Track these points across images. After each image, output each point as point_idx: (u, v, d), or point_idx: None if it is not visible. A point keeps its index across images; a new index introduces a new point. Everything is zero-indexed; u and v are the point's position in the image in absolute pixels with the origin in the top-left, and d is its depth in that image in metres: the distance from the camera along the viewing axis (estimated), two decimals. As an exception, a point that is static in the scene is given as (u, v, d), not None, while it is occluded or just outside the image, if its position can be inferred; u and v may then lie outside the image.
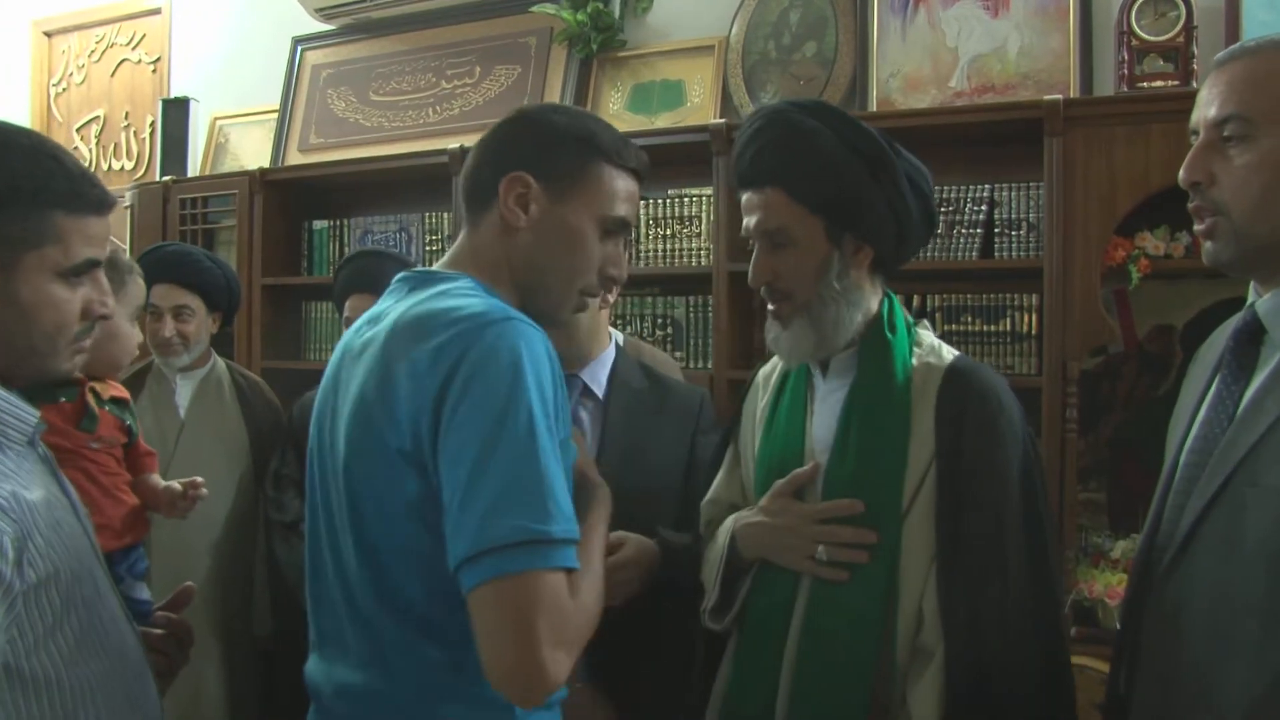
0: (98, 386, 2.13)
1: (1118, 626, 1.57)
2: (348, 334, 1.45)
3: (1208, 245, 1.39)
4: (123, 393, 2.22)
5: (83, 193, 1.30)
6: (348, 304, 2.81)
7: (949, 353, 1.67)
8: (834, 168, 1.61)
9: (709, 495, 1.88)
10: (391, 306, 1.38)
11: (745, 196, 1.70)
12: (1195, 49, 2.72)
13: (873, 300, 1.68)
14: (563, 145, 1.43)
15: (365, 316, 1.45)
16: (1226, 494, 1.30)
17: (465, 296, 1.32)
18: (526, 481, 1.18)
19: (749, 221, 1.69)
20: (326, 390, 1.43)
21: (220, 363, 3.07)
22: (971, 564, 1.51)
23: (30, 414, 1.30)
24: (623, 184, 1.46)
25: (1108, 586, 2.57)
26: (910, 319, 1.72)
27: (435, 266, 1.47)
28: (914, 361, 1.65)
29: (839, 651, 1.57)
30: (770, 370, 1.87)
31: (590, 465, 1.52)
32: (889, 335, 1.65)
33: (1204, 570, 1.31)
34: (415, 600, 1.28)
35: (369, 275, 2.79)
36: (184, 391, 2.95)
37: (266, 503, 2.82)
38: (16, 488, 1.21)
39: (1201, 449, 1.38)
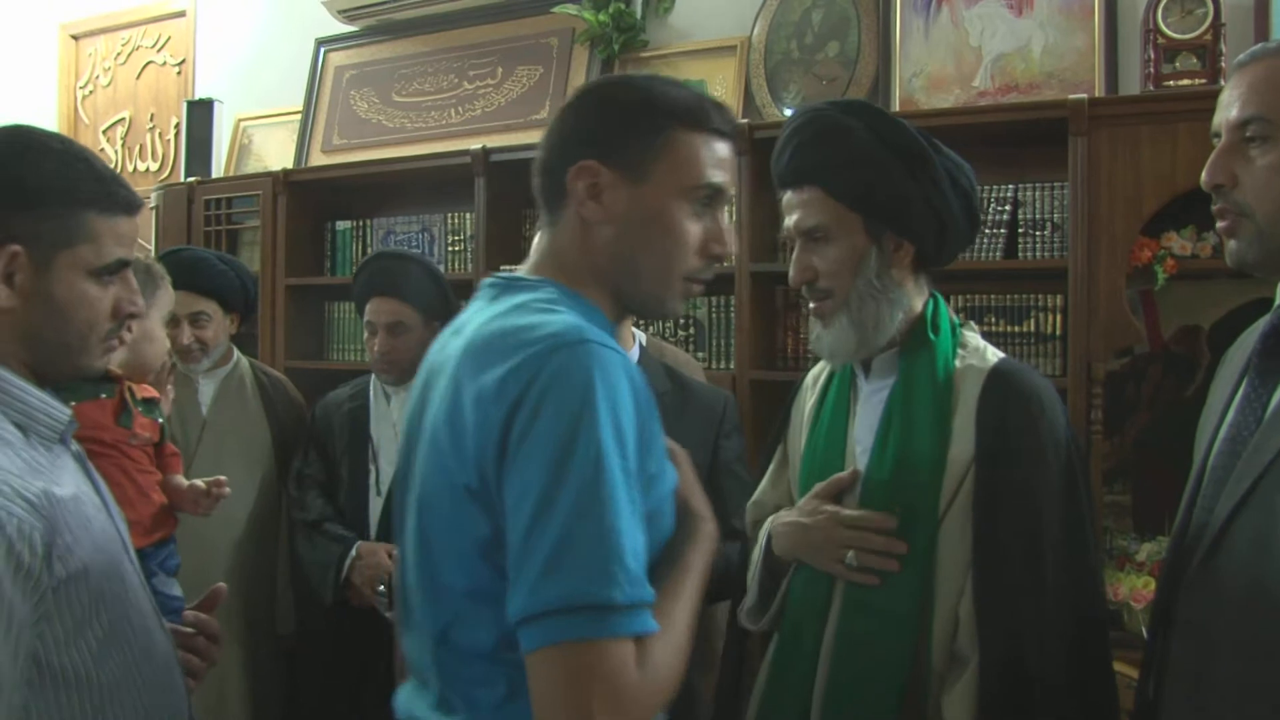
0: (133, 386, 2.17)
1: (1144, 631, 1.56)
2: (435, 345, 1.34)
3: (1231, 245, 1.39)
4: (153, 393, 2.26)
5: (113, 193, 1.33)
6: (368, 306, 2.81)
7: (993, 355, 1.66)
8: (870, 164, 1.60)
9: (754, 496, 1.89)
10: (471, 317, 1.28)
11: (785, 196, 1.69)
12: (1224, 47, 2.69)
13: (916, 300, 1.67)
14: (629, 119, 1.28)
15: (451, 326, 1.33)
16: (1255, 497, 1.29)
17: (543, 311, 1.20)
18: (589, 534, 1.06)
19: (789, 221, 1.68)
20: (414, 409, 1.32)
21: (243, 361, 3.08)
22: (1008, 571, 1.50)
23: (62, 411, 1.32)
24: (708, 148, 1.29)
25: (1133, 590, 2.54)
26: (956, 320, 1.71)
27: (521, 269, 1.35)
28: (957, 363, 1.63)
29: (873, 654, 1.56)
30: (819, 372, 1.86)
31: (695, 492, 1.34)
32: (931, 336, 1.64)
33: (1234, 573, 1.30)
34: (486, 644, 1.18)
35: (389, 277, 2.80)
36: (206, 390, 2.97)
37: (289, 502, 2.83)
38: (47, 484, 1.22)
39: (1230, 451, 1.37)
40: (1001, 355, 1.66)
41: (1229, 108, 1.36)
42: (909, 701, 1.54)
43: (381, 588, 2.57)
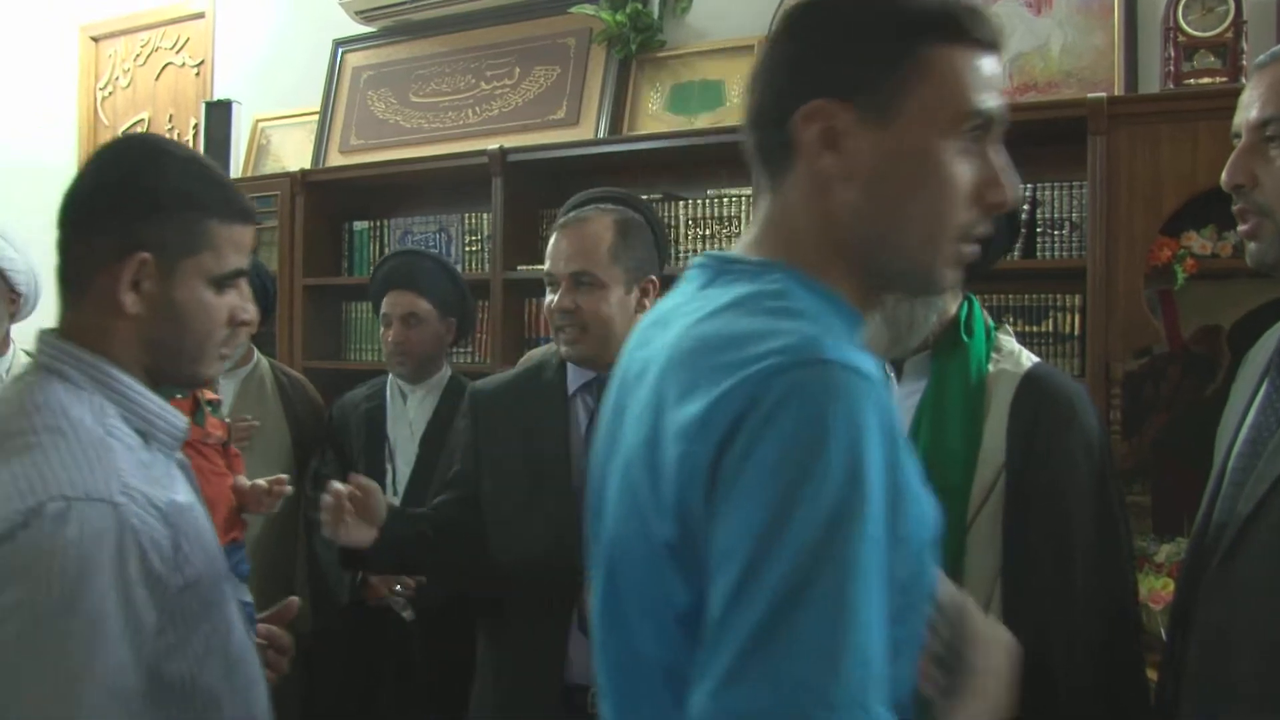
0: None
1: (1163, 632, 1.55)
2: (633, 339, 1.10)
3: (1251, 247, 1.38)
4: (215, 396, 2.28)
5: (233, 201, 1.35)
6: (384, 300, 2.84)
7: (1028, 359, 1.63)
8: None
9: None
10: (679, 306, 1.03)
11: None
12: (1245, 45, 2.66)
13: (951, 303, 1.65)
14: (867, 40, 0.97)
15: (653, 314, 1.10)
16: (1275, 498, 1.28)
17: (771, 313, 0.93)
18: (802, 626, 0.78)
19: None
20: (607, 427, 1.08)
21: (263, 361, 3.10)
22: (1038, 576, 1.48)
23: (180, 419, 1.35)
24: (973, 66, 0.97)
25: (1152, 591, 2.53)
26: (991, 323, 1.68)
27: (737, 247, 1.07)
28: (990, 367, 1.61)
29: None
30: None
31: (968, 632, 1.03)
32: (965, 338, 1.61)
33: (1253, 575, 1.29)
34: None
35: (405, 271, 2.83)
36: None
37: (306, 502, 2.84)
38: (171, 493, 1.25)
39: (1250, 453, 1.36)
40: (1036, 359, 1.64)
41: (1249, 108, 1.35)
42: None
43: (399, 587, 2.58)
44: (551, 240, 2.10)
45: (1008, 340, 1.67)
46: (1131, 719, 1.53)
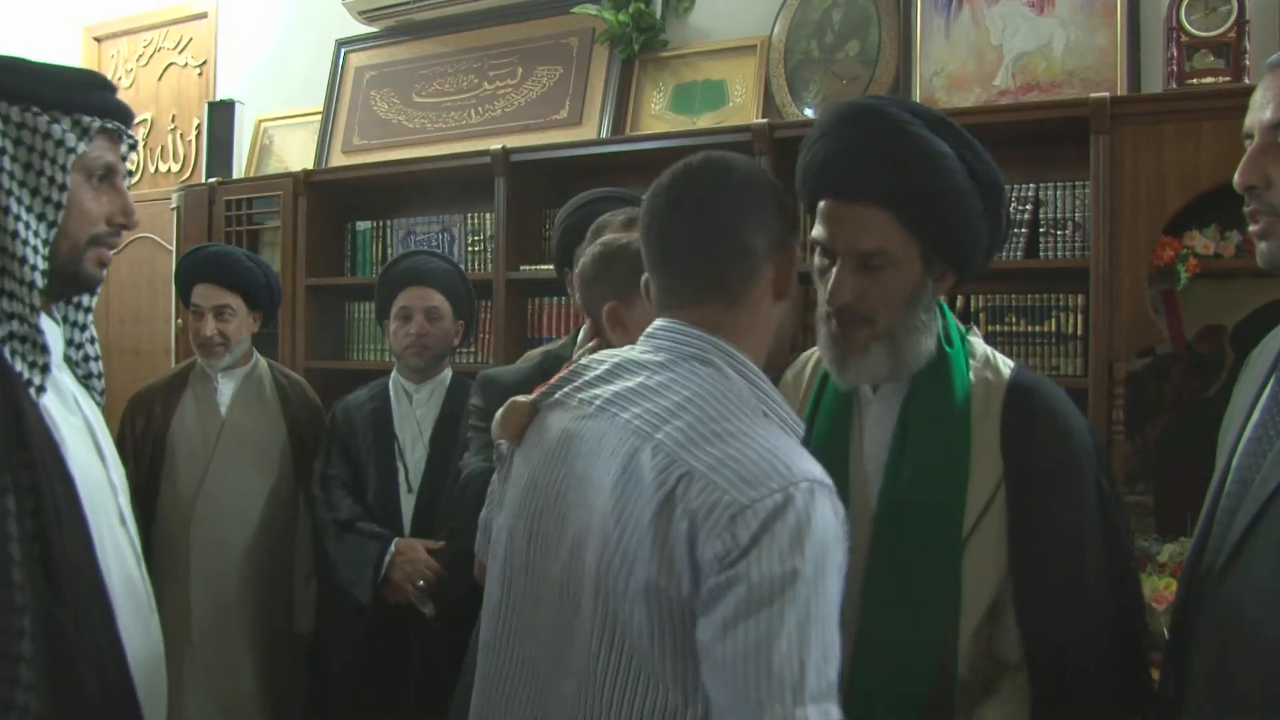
0: None
1: (1165, 632, 1.55)
2: None
3: (1262, 246, 1.37)
4: None
5: None
6: (402, 295, 2.87)
7: (1005, 365, 1.59)
8: (957, 198, 1.46)
9: None
10: None
11: (832, 205, 1.51)
12: (1248, 44, 2.67)
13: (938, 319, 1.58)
14: None
15: None
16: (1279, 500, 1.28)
17: None
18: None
19: (831, 233, 1.50)
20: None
21: (262, 362, 3.10)
22: (1054, 589, 1.45)
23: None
24: None
25: (1155, 591, 2.53)
26: (962, 327, 1.63)
27: None
28: (970, 376, 1.55)
29: (895, 677, 1.47)
30: (799, 371, 1.76)
31: None
32: (947, 349, 1.55)
33: (1257, 577, 1.29)
34: None
35: (425, 269, 2.89)
36: (225, 390, 2.99)
37: (316, 503, 2.84)
38: None
39: (1254, 452, 1.36)
40: (1011, 364, 1.59)
41: (1263, 108, 1.34)
42: (931, 714, 1.48)
43: (421, 583, 2.58)
44: None
45: (979, 344, 1.62)
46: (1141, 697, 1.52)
